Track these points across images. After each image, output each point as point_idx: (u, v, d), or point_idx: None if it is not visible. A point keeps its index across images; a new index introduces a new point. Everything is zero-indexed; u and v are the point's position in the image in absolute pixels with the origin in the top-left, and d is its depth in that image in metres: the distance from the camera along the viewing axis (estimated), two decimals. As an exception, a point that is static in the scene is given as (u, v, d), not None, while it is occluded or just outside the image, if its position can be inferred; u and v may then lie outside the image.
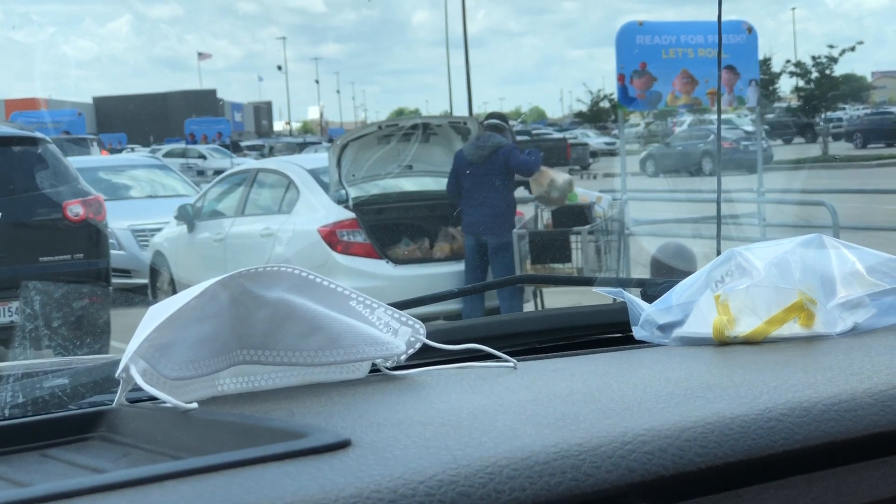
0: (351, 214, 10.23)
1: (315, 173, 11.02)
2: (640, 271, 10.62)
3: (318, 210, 10.52)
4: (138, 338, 1.42)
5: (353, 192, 10.57)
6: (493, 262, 10.11)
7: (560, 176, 10.75)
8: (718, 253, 1.95)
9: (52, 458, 1.34)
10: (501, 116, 11.33)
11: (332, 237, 10.13)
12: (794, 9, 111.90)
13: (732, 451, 1.25)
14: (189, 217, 12.35)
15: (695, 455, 1.22)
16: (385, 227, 10.51)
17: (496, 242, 10.12)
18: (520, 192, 10.95)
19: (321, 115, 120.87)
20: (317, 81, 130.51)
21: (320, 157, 12.36)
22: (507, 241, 10.18)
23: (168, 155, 41.14)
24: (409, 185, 11.22)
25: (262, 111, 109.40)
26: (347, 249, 10.09)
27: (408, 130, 11.20)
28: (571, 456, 1.17)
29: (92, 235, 10.20)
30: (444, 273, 10.29)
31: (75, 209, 10.06)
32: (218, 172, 25.97)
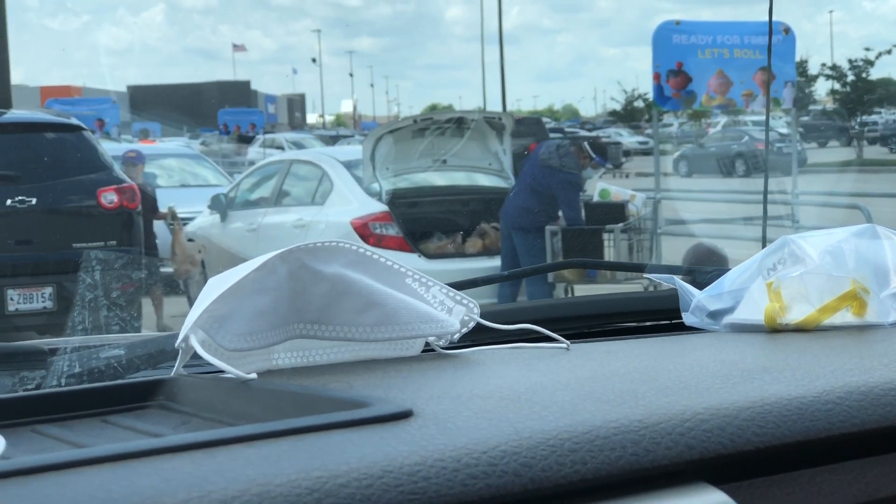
0: (384, 207, 10.25)
1: (349, 165, 11.03)
2: (673, 271, 10.56)
3: (352, 202, 10.54)
4: (198, 308, 1.43)
5: (387, 186, 10.58)
6: (522, 258, 10.12)
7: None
8: (764, 244, 1.95)
9: (112, 423, 1.36)
10: (601, 149, 11.10)
11: (364, 230, 10.14)
12: (831, 11, 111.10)
13: (790, 432, 1.25)
14: (222, 207, 12.37)
15: (753, 435, 1.23)
16: (418, 221, 10.52)
17: (522, 239, 10.13)
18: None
19: (354, 108, 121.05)
20: (351, 75, 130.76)
21: (354, 150, 12.38)
22: (534, 240, 10.18)
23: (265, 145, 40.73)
24: (443, 179, 11.23)
25: (296, 103, 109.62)
26: (380, 242, 10.10)
27: (442, 125, 11.20)
28: (632, 431, 1.17)
29: (125, 223, 10.25)
30: (476, 269, 10.28)
31: (109, 197, 10.11)
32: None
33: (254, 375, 1.39)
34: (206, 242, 12.69)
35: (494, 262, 10.39)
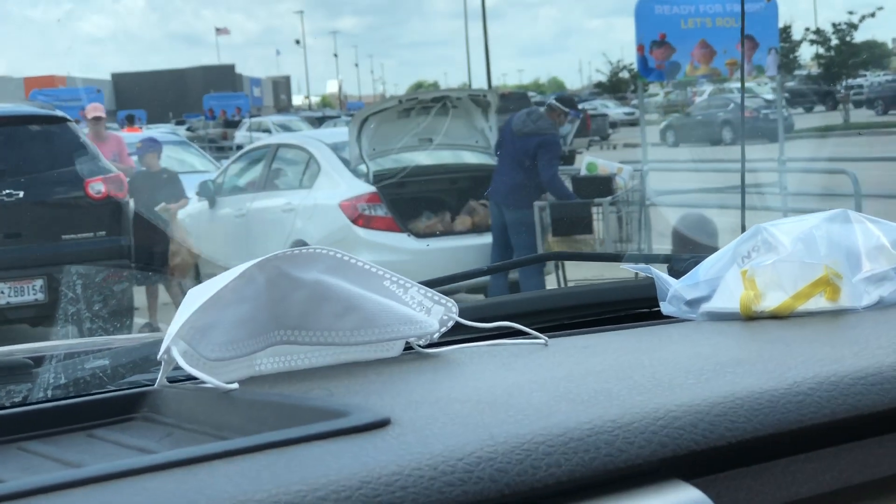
0: (372, 188, 10.26)
1: (336, 147, 11.03)
2: (663, 242, 10.63)
3: (340, 184, 10.54)
4: (179, 320, 1.45)
5: (374, 167, 10.59)
6: (513, 235, 10.13)
7: None
8: (743, 228, 1.97)
9: (98, 438, 1.38)
10: (570, 102, 11.19)
11: (353, 211, 10.16)
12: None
13: (762, 425, 1.27)
14: (210, 193, 12.37)
15: (725, 430, 1.25)
16: (406, 201, 10.53)
17: (514, 215, 10.13)
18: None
19: (340, 88, 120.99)
20: (335, 55, 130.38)
21: (340, 132, 12.38)
22: (526, 215, 10.19)
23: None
24: (430, 158, 11.23)
25: (281, 86, 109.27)
26: (369, 223, 10.12)
27: (428, 104, 11.21)
28: (605, 432, 1.20)
29: (114, 213, 10.26)
30: (465, 246, 10.31)
31: (97, 187, 10.12)
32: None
33: (235, 385, 1.41)
34: (196, 230, 12.67)
35: (484, 239, 10.40)
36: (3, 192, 9.66)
